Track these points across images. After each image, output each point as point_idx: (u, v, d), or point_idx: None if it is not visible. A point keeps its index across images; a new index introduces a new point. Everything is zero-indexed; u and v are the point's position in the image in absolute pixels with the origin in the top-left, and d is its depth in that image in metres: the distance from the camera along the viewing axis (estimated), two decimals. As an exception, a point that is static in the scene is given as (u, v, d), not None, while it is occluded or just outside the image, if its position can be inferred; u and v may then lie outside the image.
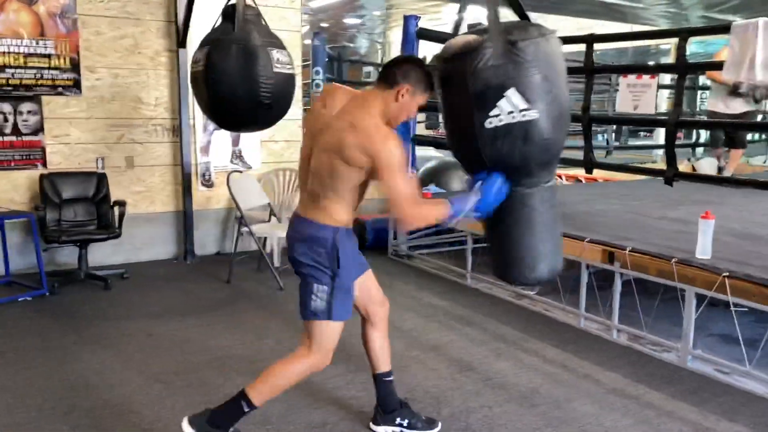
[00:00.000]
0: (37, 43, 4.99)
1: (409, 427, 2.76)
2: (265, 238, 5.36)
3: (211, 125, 5.66)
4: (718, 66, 4.02)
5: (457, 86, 2.23)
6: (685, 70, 4.12)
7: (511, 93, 2.10)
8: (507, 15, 2.38)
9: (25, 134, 5.04)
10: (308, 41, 7.92)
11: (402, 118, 2.35)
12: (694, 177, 6.31)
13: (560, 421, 2.89)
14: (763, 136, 10.15)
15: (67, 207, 5.00)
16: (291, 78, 3.96)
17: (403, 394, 3.06)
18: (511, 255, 2.44)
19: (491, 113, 2.13)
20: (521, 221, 2.36)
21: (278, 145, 6.09)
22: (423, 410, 2.95)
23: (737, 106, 5.79)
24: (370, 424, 2.81)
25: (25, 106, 5.02)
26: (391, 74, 2.29)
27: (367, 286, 2.65)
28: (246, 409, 2.42)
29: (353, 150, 2.20)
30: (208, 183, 5.84)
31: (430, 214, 2.32)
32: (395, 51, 11.56)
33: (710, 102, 6.55)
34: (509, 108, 2.11)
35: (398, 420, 2.77)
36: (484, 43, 2.14)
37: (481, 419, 2.90)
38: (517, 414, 2.96)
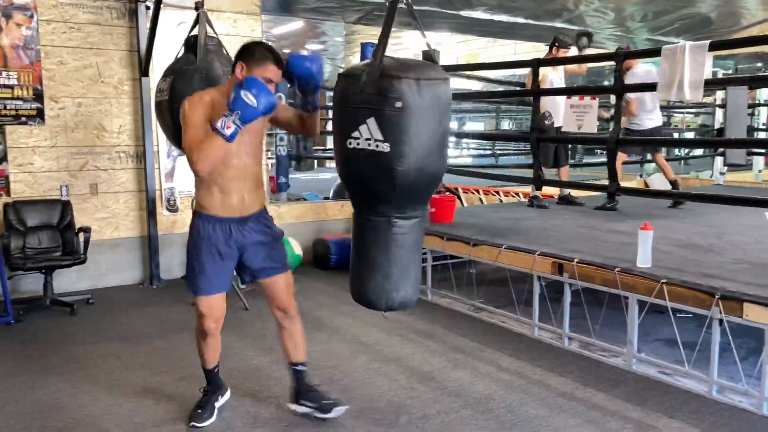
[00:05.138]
0: (0, 75, 5.07)
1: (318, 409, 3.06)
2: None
3: (175, 151, 5.78)
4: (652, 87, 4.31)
5: (339, 103, 2.47)
6: (621, 90, 4.39)
7: (371, 122, 2.30)
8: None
9: (-11, 164, 5.10)
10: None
11: None
12: (633, 191, 6.61)
13: (512, 424, 3.07)
14: (705, 152, 10.55)
15: (32, 234, 5.05)
16: (252, 105, 4.12)
17: (365, 404, 3.22)
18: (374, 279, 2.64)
19: (353, 134, 2.35)
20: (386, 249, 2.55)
21: (242, 169, 6.21)
22: (383, 419, 3.11)
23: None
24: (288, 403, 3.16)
25: (-12, 136, 5.09)
26: (233, 62, 2.73)
27: (273, 291, 2.99)
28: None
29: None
30: (172, 208, 5.93)
31: (209, 150, 2.54)
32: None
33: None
34: (367, 135, 2.32)
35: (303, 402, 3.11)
36: (366, 70, 2.35)
37: (437, 425, 3.06)
38: (473, 419, 3.12)
